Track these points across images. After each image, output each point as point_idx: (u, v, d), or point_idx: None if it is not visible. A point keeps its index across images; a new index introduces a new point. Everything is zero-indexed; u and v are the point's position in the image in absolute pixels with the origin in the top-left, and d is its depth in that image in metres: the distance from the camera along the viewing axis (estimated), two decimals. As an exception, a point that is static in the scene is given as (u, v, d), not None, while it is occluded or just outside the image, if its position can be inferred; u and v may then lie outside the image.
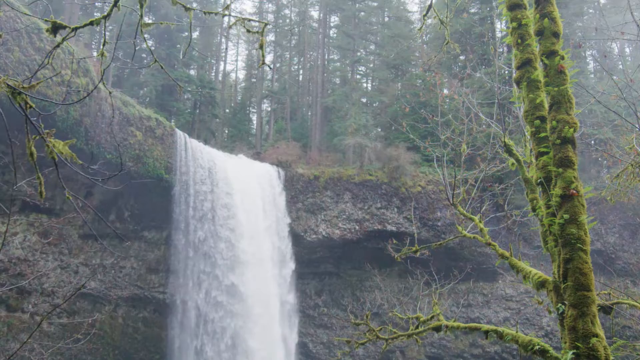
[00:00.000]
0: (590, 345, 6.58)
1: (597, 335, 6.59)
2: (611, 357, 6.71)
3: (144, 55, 62.89)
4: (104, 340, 44.64)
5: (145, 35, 5.95)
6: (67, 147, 5.10)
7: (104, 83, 5.79)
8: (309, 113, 71.46)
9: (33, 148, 5.01)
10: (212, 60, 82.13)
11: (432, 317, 13.50)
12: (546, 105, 8.88)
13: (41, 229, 40.67)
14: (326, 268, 53.55)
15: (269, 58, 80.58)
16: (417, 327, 13.55)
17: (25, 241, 40.41)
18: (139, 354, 47.52)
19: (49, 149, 4.89)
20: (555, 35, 8.67)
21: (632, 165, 12.03)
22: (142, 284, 46.81)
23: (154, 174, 43.29)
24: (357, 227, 50.52)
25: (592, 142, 54.20)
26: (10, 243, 39.47)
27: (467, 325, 12.76)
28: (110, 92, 5.94)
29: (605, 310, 9.86)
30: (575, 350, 6.67)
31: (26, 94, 4.85)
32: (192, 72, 72.93)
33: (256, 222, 46.86)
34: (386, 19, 75.23)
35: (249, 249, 45.89)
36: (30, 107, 4.94)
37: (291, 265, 49.25)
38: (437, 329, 13.08)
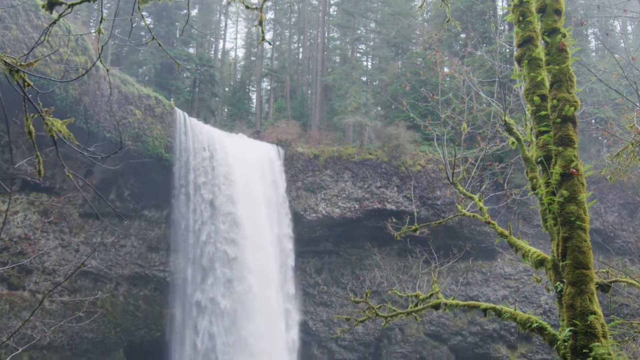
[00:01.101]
0: (588, 322, 6.62)
1: (594, 313, 6.64)
2: (608, 334, 6.76)
3: (142, 33, 62.45)
4: (106, 318, 44.98)
5: (144, 13, 5.89)
6: (65, 126, 5.08)
7: (101, 61, 5.75)
8: (309, 92, 71.18)
9: (32, 126, 4.99)
10: (211, 38, 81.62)
11: (431, 295, 13.58)
12: (547, 84, 8.82)
13: (41, 208, 40.74)
14: (326, 247, 53.76)
15: (268, 36, 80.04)
16: (416, 305, 13.63)
17: (26, 220, 40.50)
18: (140, 331, 47.91)
19: (48, 127, 4.87)
20: (557, 12, 8.60)
21: (632, 144, 12.00)
22: (143, 263, 47.04)
23: (154, 153, 43.24)
24: (356, 206, 50.62)
25: (593, 120, 54.08)
26: (11, 222, 39.57)
27: (465, 303, 12.85)
28: (108, 70, 5.91)
29: (604, 288, 9.92)
30: (573, 328, 6.72)
31: (24, 72, 4.82)
32: (191, 50, 72.49)
33: (256, 201, 46.91)
34: (387, -4, 74.50)
35: (249, 227, 46.03)
36: (28, 85, 4.91)
37: (290, 246, 49.46)
38: (436, 307, 13.16)
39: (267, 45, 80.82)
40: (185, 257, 45.69)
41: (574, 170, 7.25)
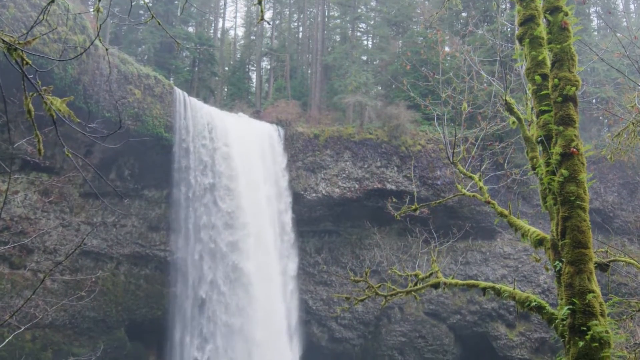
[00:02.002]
0: (586, 301, 6.66)
1: (593, 292, 6.67)
2: (606, 313, 6.81)
3: (141, 11, 61.93)
4: (107, 297, 45.29)
5: (142, -9, 5.83)
6: (65, 105, 5.06)
7: (100, 40, 5.71)
8: (309, 71, 70.81)
9: (30, 105, 4.97)
10: (211, 17, 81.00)
11: (431, 274, 13.64)
12: (548, 63, 8.77)
13: (42, 188, 40.79)
14: (326, 226, 53.91)
15: (268, 15, 79.41)
16: (415, 284, 13.69)
17: (26, 199, 40.57)
18: (141, 310, 48.24)
19: (47, 106, 4.85)
20: (559, -10, 8.51)
21: (633, 123, 11.97)
22: (144, 242, 47.22)
23: (154, 133, 43.19)
24: (356, 186, 50.66)
25: (594, 100, 53.89)
26: (12, 201, 39.65)
27: (465, 282, 12.91)
28: (107, 49, 5.87)
29: (602, 267, 9.96)
30: (571, 306, 6.76)
31: (22, 50, 4.79)
32: (190, 29, 71.97)
33: (256, 180, 46.96)
34: (387, -26, 73.76)
35: (249, 207, 46.13)
36: (27, 63, 4.88)
37: (290, 225, 49.63)
38: (436, 286, 13.23)
39: (266, 24, 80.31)
40: (185, 236, 45.86)
41: (574, 150, 7.24)
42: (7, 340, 9.03)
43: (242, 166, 46.37)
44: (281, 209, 49.29)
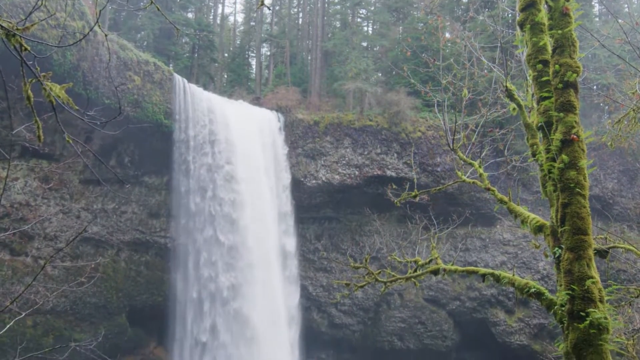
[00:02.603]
0: (585, 287, 6.68)
1: (592, 278, 6.69)
2: (605, 299, 6.83)
3: (140, -3, 61.62)
4: (108, 284, 45.45)
5: (141, -24, 5.80)
6: (64, 91, 5.04)
7: (99, 26, 5.68)
8: (309, 57, 70.53)
9: (30, 92, 4.95)
10: (210, 3, 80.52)
11: (430, 260, 13.67)
12: (549, 49, 8.73)
13: (42, 174, 40.79)
14: (326, 213, 53.98)
15: (267, 0, 78.89)
16: (415, 271, 13.72)
17: (27, 186, 40.59)
18: (141, 296, 48.44)
19: (46, 92, 4.83)
20: (561, -24, 8.44)
21: (634, 110, 11.94)
22: (144, 229, 47.29)
23: (153, 119, 43.11)
24: (356, 173, 50.66)
25: (595, 87, 53.76)
26: (12, 188, 39.68)
27: (464, 268, 12.94)
28: (106, 35, 5.86)
29: (601, 254, 9.98)
30: (570, 292, 6.78)
31: (21, 36, 4.76)
32: (189, 15, 71.57)
33: (256, 167, 46.96)
34: (388, -41, 73.23)
35: (249, 193, 46.15)
36: (26, 49, 4.86)
37: (290, 210, 49.69)
38: (435, 272, 13.26)
39: (266, 10, 79.84)
40: (185, 223, 45.93)
41: (575, 137, 7.23)
42: (8, 326, 9.08)
43: (242, 153, 46.33)
44: (281, 196, 49.32)
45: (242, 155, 46.34)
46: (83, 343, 21.10)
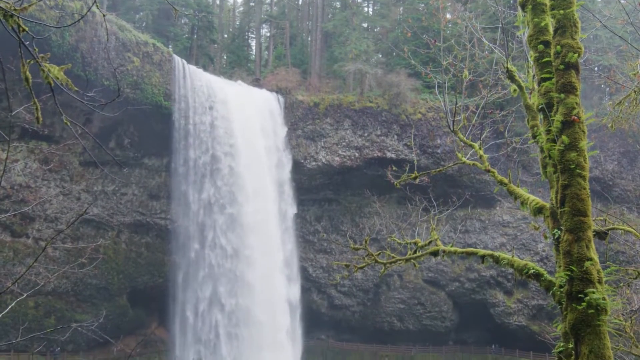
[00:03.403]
0: (584, 268, 6.69)
1: (591, 259, 6.69)
2: (604, 280, 6.85)
3: (138, -23, 61.08)
4: (108, 265, 45.64)
5: (139, -45, 5.73)
6: (62, 73, 5.01)
7: (97, 6, 5.63)
8: (309, 39, 70.07)
9: (28, 73, 4.92)
10: (209, -17, 79.70)
11: (430, 242, 13.68)
12: (551, 30, 8.66)
13: (41, 156, 40.75)
14: (326, 195, 54.03)
15: (267, -19, 78.20)
16: (415, 252, 13.74)
17: (27, 168, 40.58)
18: (142, 277, 48.69)
19: (45, 73, 4.80)
20: (563, -45, 8.35)
21: (635, 91, 11.87)
22: (144, 210, 47.37)
23: (153, 101, 42.96)
24: (356, 154, 50.61)
25: (596, 68, 53.48)
26: (12, 170, 39.66)
27: (464, 250, 12.95)
28: (104, 16, 5.81)
29: (601, 235, 9.99)
30: (569, 274, 6.79)
31: (18, 17, 4.72)
32: (188, -5, 70.87)
33: (256, 149, 46.88)
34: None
35: (249, 175, 46.13)
36: (24, 30, 4.82)
37: (290, 193, 49.75)
38: (435, 253, 13.28)
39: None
40: (185, 204, 45.98)
41: (576, 118, 7.20)
42: (9, 306, 9.13)
43: (242, 134, 46.24)
44: (281, 177, 49.31)
45: (242, 136, 46.25)
46: (85, 324, 21.25)
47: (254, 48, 78.48)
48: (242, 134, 46.25)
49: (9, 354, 41.37)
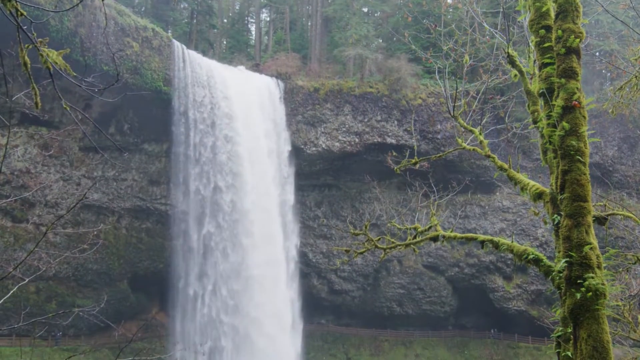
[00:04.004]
0: (584, 253, 6.70)
1: (590, 245, 6.71)
2: (603, 265, 6.86)
3: (137, -39, 60.62)
4: (109, 250, 45.78)
5: (138, -61, 5.68)
6: (61, 58, 4.99)
7: (96, -10, 5.59)
8: (309, 23, 69.67)
9: (26, 58, 4.90)
10: (208, -33, 79.11)
11: (430, 227, 13.69)
12: (552, 14, 8.61)
13: (41, 142, 40.70)
14: (326, 180, 54.04)
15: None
16: (414, 237, 13.76)
17: (27, 153, 40.55)
18: (143, 263, 48.85)
19: (43, 58, 4.78)
20: (566, -61, 8.28)
21: (636, 77, 11.83)
22: (144, 196, 47.42)
23: (152, 86, 42.80)
24: (356, 140, 50.54)
25: (597, 53, 53.25)
26: (12, 155, 39.64)
27: (463, 235, 12.97)
28: (102, 0, 5.75)
29: (600, 221, 10.00)
30: (568, 259, 6.81)
31: (16, 1, 4.70)
32: (187, -21, 70.38)
33: (256, 134, 46.81)
34: None
35: (249, 161, 46.11)
36: (22, 14, 4.80)
37: (290, 178, 49.74)
38: (435, 239, 13.30)
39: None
40: (186, 190, 46.00)
41: (576, 103, 7.17)
42: (11, 292, 9.17)
43: (242, 120, 46.14)
44: (281, 162, 49.29)
45: (242, 122, 46.16)
46: (86, 309, 21.35)
47: (253, 33, 78.05)
48: (242, 119, 46.15)
49: (10, 338, 41.64)
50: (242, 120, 46.12)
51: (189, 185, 45.71)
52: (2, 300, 9.00)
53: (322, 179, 53.76)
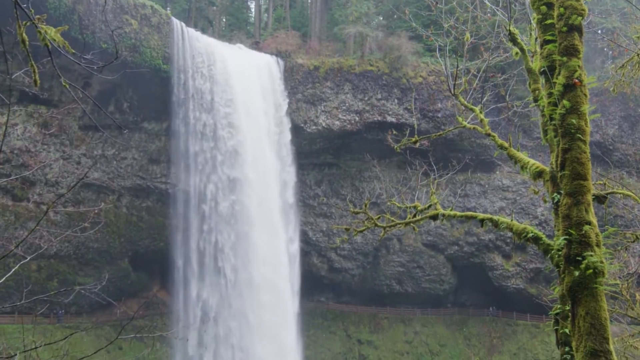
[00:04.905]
0: (583, 232, 6.72)
1: (590, 223, 6.72)
2: (602, 244, 6.88)
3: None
4: (110, 229, 45.93)
5: None
6: (59, 35, 4.95)
7: (94, -34, 5.53)
8: (309, 0, 69.02)
9: (24, 35, 4.86)
10: (207, -57, 78.19)
11: (430, 206, 13.72)
12: (554, -9, 8.53)
13: (41, 120, 40.61)
14: (326, 159, 53.99)
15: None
16: (414, 216, 13.79)
17: (26, 132, 40.48)
18: (144, 241, 49.04)
19: (42, 35, 4.74)
20: None
21: (638, 55, 11.76)
22: (144, 175, 47.43)
23: (151, 64, 42.57)
24: (357, 118, 50.40)
25: (599, 31, 52.81)
26: (11, 134, 39.57)
27: (463, 214, 13.00)
28: (101, -24, 5.64)
29: (600, 199, 10.01)
30: (567, 237, 6.83)
31: (14, -23, 4.65)
32: (186, -45, 69.60)
33: (256, 112, 46.67)
34: None
35: (249, 138, 46.03)
36: (19, -9, 4.75)
37: (291, 157, 49.70)
38: (434, 217, 13.33)
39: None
40: (186, 168, 45.99)
41: (577, 81, 7.13)
42: (13, 270, 9.21)
43: (241, 98, 45.95)
44: (281, 140, 49.20)
45: (241, 100, 45.98)
46: (88, 286, 21.50)
47: (253, 10, 77.33)
48: (242, 98, 45.97)
49: (13, 315, 41.97)
50: (241, 98, 45.94)
51: (189, 164, 45.70)
52: (4, 278, 9.05)
53: (322, 157, 53.72)
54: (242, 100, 45.95)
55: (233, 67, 46.21)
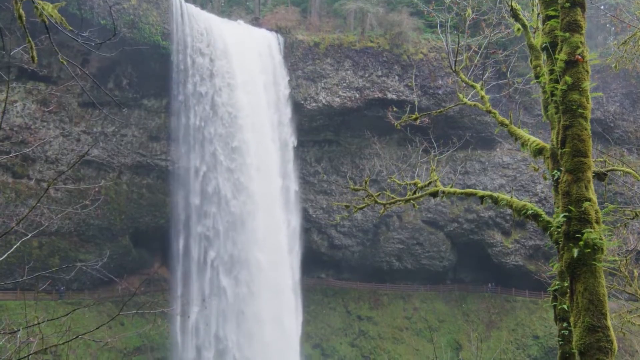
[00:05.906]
0: (582, 208, 6.73)
1: (589, 200, 6.73)
2: (602, 221, 6.90)
3: None
4: (110, 206, 46.02)
5: None
6: (57, 11, 4.91)
7: (91, -60, 5.47)
8: (309, -25, 68.22)
9: (21, 11, 4.82)
10: None
11: (430, 183, 13.72)
12: (557, -34, 8.43)
13: (40, 97, 40.44)
14: (326, 136, 53.89)
15: None
16: (414, 193, 13.80)
17: (25, 109, 40.34)
18: (144, 218, 49.16)
19: (38, 11, 4.71)
20: None
21: (640, 30, 11.67)
22: (145, 152, 47.37)
23: (150, 41, 42.26)
24: (357, 95, 50.19)
25: (602, 6, 52.30)
26: (11, 111, 39.44)
27: (463, 191, 13.00)
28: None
29: (600, 177, 10.00)
30: (567, 214, 6.84)
31: (10, -49, 4.60)
32: None
33: (256, 89, 46.47)
34: None
35: (249, 115, 45.90)
36: (16, -34, 4.70)
37: (291, 139, 49.58)
38: (434, 194, 13.34)
39: None
40: (186, 145, 45.91)
41: (579, 57, 7.09)
42: (14, 246, 9.25)
43: (241, 75, 45.71)
44: (281, 118, 49.07)
45: (241, 77, 45.75)
46: (89, 263, 21.62)
47: (252, -15, 76.51)
48: (241, 74, 45.73)
49: (15, 292, 42.28)
50: (241, 74, 45.70)
51: (189, 141, 45.61)
52: (5, 255, 9.09)
53: (322, 134, 53.61)
54: (241, 76, 45.71)
55: (233, 43, 45.89)
